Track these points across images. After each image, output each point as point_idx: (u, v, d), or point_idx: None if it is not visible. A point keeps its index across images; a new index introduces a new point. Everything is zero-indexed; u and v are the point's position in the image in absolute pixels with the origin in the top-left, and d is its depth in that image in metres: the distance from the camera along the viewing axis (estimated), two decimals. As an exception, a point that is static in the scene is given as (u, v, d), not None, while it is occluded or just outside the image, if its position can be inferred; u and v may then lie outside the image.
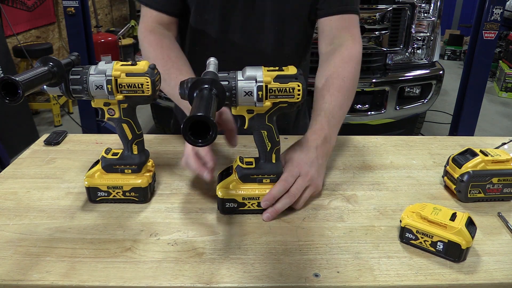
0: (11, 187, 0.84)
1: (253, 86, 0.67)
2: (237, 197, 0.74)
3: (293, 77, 0.68)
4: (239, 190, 0.74)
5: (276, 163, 0.75)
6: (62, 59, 0.69)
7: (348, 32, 0.97)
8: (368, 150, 1.01)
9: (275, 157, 0.74)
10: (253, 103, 0.68)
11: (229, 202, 0.74)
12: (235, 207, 0.75)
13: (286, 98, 0.68)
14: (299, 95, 0.68)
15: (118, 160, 0.77)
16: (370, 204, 0.79)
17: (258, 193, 0.74)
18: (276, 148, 0.74)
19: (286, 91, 0.67)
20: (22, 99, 0.59)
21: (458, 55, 6.20)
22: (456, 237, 0.63)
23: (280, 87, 0.67)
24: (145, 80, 0.70)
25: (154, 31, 0.98)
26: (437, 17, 2.75)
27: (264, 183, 0.75)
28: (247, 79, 0.67)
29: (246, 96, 0.67)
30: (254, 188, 0.74)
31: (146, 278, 0.60)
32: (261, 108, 0.69)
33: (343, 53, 0.94)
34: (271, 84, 0.67)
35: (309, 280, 0.61)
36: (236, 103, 0.69)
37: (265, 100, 0.68)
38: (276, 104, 0.69)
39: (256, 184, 0.75)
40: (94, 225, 0.72)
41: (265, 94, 0.67)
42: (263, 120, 0.71)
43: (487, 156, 0.79)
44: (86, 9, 2.82)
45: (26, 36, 3.83)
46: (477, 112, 2.97)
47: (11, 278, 0.60)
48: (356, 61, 0.95)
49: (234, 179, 0.75)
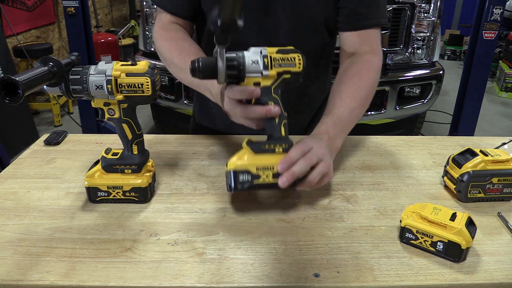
0: (11, 187, 0.84)
1: (258, 56, 0.72)
2: (251, 168, 0.71)
3: (293, 50, 0.74)
4: (252, 160, 0.72)
5: (286, 136, 0.74)
6: (62, 59, 0.69)
7: (368, 46, 0.97)
8: (368, 150, 1.01)
9: (284, 129, 0.74)
10: (260, 73, 0.72)
11: (242, 174, 0.71)
12: (249, 179, 0.72)
13: (289, 67, 0.73)
14: (300, 65, 0.73)
15: (118, 160, 0.77)
16: (370, 204, 0.79)
17: (273, 162, 0.72)
18: (283, 122, 0.74)
19: (288, 60, 0.73)
20: (22, 99, 0.59)
21: (458, 55, 6.20)
22: (456, 237, 0.63)
23: (283, 57, 0.73)
24: (145, 80, 0.70)
25: (168, 29, 1.01)
26: (437, 17, 2.75)
27: (277, 153, 0.73)
28: (253, 52, 0.73)
29: (253, 64, 0.72)
30: (268, 158, 0.72)
31: (146, 278, 0.60)
32: (267, 79, 0.72)
33: (361, 64, 0.94)
34: (274, 55, 0.73)
35: (309, 280, 0.61)
36: (244, 73, 0.71)
37: (270, 69, 0.72)
38: (280, 74, 0.73)
39: (269, 154, 0.73)
40: (94, 225, 0.72)
41: (270, 62, 0.72)
42: (269, 92, 0.73)
43: (487, 156, 0.79)
44: (86, 9, 2.82)
45: (26, 36, 3.83)
46: (477, 112, 2.98)
47: (11, 278, 0.60)
48: (374, 72, 0.95)
49: (246, 151, 0.73)
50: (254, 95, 0.72)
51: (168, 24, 1.02)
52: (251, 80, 0.72)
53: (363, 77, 0.92)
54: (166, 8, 1.01)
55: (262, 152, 0.73)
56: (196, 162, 0.94)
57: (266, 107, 0.72)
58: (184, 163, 0.94)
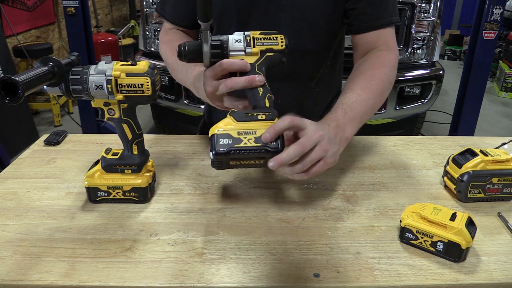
0: (11, 187, 0.84)
1: (241, 36, 0.75)
2: (232, 132, 0.68)
3: (275, 32, 0.76)
4: (234, 125, 0.69)
5: (270, 107, 0.72)
6: (62, 59, 0.69)
7: (383, 45, 0.95)
8: (368, 150, 1.01)
9: (268, 102, 0.72)
10: (243, 51, 0.74)
11: (223, 137, 0.68)
12: (230, 143, 0.68)
13: (271, 45, 0.75)
14: (282, 43, 0.75)
15: (118, 160, 0.77)
16: (370, 204, 0.79)
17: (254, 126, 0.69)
18: (268, 95, 0.73)
19: (270, 39, 0.75)
20: (22, 99, 0.59)
21: (458, 55, 6.20)
22: (456, 237, 0.63)
23: (265, 37, 0.76)
24: (145, 80, 0.70)
25: (169, 32, 1.04)
26: (437, 17, 2.75)
27: (260, 119, 0.70)
28: (237, 35, 0.75)
29: (236, 43, 0.74)
30: (251, 124, 0.69)
31: (146, 278, 0.60)
32: (250, 56, 0.74)
33: (376, 59, 0.93)
34: (257, 35, 0.75)
35: (309, 280, 0.61)
36: (227, 51, 0.73)
37: (252, 47, 0.74)
38: (264, 52, 0.75)
39: (252, 122, 0.70)
40: (94, 225, 0.72)
41: (253, 41, 0.74)
42: (253, 69, 0.74)
43: (487, 156, 0.79)
44: (86, 9, 2.82)
45: (26, 36, 3.83)
46: (477, 112, 2.97)
47: (11, 278, 0.60)
48: (389, 67, 0.92)
49: (229, 119, 0.70)
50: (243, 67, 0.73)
51: (169, 30, 1.06)
52: (235, 58, 0.74)
53: (377, 71, 0.89)
54: (166, 17, 1.05)
55: (245, 119, 0.70)
56: (196, 162, 0.94)
57: (250, 76, 0.72)
58: (184, 163, 0.94)
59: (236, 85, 0.72)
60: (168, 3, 1.04)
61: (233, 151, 0.67)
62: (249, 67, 0.73)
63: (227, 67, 0.73)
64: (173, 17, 1.04)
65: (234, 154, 0.68)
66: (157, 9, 1.07)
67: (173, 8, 1.03)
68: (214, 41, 0.73)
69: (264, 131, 0.68)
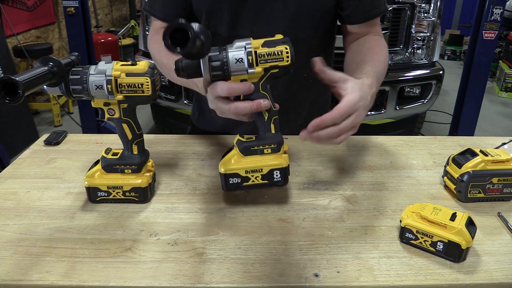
0: (11, 187, 0.84)
1: (242, 53, 0.68)
2: (240, 171, 0.73)
3: (280, 41, 0.70)
4: (241, 163, 0.73)
5: (276, 133, 0.73)
6: (62, 59, 0.69)
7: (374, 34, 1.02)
8: (368, 150, 1.01)
9: (274, 126, 0.73)
10: (245, 71, 0.69)
11: (232, 177, 0.73)
12: (239, 182, 0.73)
13: (276, 62, 0.69)
14: (288, 57, 0.69)
15: (118, 160, 0.77)
16: (370, 204, 0.79)
17: (260, 164, 0.72)
18: (274, 118, 0.73)
19: (275, 54, 0.69)
20: (22, 99, 0.59)
21: (458, 55, 6.20)
22: (456, 237, 0.63)
23: (268, 51, 0.69)
24: (145, 80, 0.70)
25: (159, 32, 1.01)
26: (437, 17, 2.75)
27: (265, 154, 0.73)
28: (237, 48, 0.69)
29: (238, 63, 0.68)
30: (256, 160, 0.73)
31: (146, 278, 0.60)
32: (253, 75, 0.70)
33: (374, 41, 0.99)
34: (260, 49, 0.69)
35: (309, 280, 0.61)
36: (228, 72, 0.69)
37: (256, 66, 0.69)
38: (267, 70, 0.70)
39: (258, 156, 0.73)
40: (94, 225, 0.72)
41: (255, 59, 0.68)
42: (257, 89, 0.71)
43: (487, 156, 0.79)
44: (86, 9, 2.82)
45: (26, 36, 3.83)
46: (477, 112, 2.97)
47: (11, 278, 0.60)
48: (386, 50, 0.98)
49: (236, 153, 0.74)
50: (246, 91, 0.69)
51: (160, 29, 1.04)
52: (238, 77, 0.70)
53: (381, 52, 0.95)
54: (156, 15, 1.03)
55: (251, 154, 0.73)
56: (196, 162, 0.94)
57: (256, 101, 0.69)
58: (184, 163, 0.94)
59: (242, 112, 0.71)
60: (157, 1, 1.02)
61: (242, 188, 0.74)
62: (253, 88, 0.69)
63: (230, 93, 0.69)
64: (164, 14, 1.02)
65: (243, 189, 0.75)
66: (145, 8, 1.05)
67: (163, 6, 1.02)
68: (213, 61, 0.68)
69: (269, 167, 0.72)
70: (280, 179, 0.73)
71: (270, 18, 0.96)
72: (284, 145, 0.74)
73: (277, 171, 0.73)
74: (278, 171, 0.73)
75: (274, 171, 0.73)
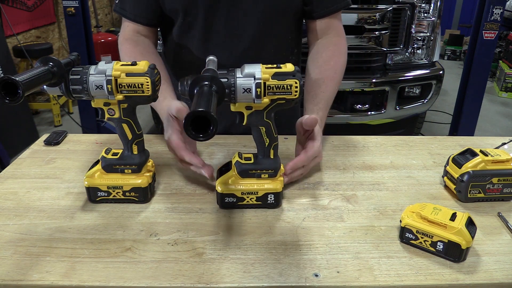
0: (11, 187, 0.84)
1: (251, 83, 0.68)
2: (236, 192, 0.75)
3: (290, 74, 0.69)
4: (238, 185, 0.75)
5: (274, 159, 0.76)
6: (62, 59, 0.69)
7: (333, 30, 1.05)
8: (368, 150, 1.01)
9: (273, 152, 0.75)
10: (252, 100, 0.69)
11: (228, 197, 0.76)
12: (234, 201, 0.76)
13: (283, 95, 0.69)
14: (296, 92, 0.69)
15: (118, 160, 0.77)
16: (370, 204, 0.79)
17: (256, 187, 0.75)
18: (274, 144, 0.75)
19: (284, 88, 0.69)
20: (22, 99, 0.59)
21: (458, 55, 6.20)
22: (456, 237, 0.63)
23: (278, 84, 0.68)
24: (145, 80, 0.70)
25: (130, 39, 1.03)
26: (437, 17, 2.75)
27: (262, 178, 0.76)
28: (246, 76, 0.68)
29: (245, 93, 0.68)
30: (253, 183, 0.75)
31: (146, 278, 0.60)
32: (259, 104, 0.70)
33: (333, 48, 1.04)
34: (269, 81, 0.68)
35: (309, 280, 0.61)
36: (235, 100, 0.70)
37: (263, 97, 0.69)
38: (274, 100, 0.70)
39: (255, 179, 0.76)
40: (94, 225, 0.72)
41: (263, 91, 0.68)
42: (261, 117, 0.72)
43: (487, 156, 0.79)
44: (86, 9, 2.82)
45: (26, 36, 3.83)
46: (477, 112, 2.97)
47: (11, 278, 0.60)
48: (344, 55, 1.05)
49: (233, 174, 0.76)
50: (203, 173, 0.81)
51: (130, 33, 1.04)
52: (243, 104, 0.71)
53: (338, 61, 1.03)
54: (127, 16, 1.03)
55: (248, 176, 0.76)
56: (196, 162, 0.94)
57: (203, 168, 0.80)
58: (184, 163, 0.93)
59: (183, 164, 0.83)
60: (128, 2, 1.02)
61: (236, 207, 0.77)
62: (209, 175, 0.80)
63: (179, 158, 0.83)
64: (134, 15, 1.02)
65: (237, 208, 0.77)
66: (116, 9, 1.04)
67: (134, 7, 1.02)
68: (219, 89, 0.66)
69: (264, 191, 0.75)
70: (273, 202, 0.76)
71: (243, 14, 0.98)
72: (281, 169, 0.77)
73: (272, 194, 0.76)
74: (272, 195, 0.76)
75: (269, 194, 0.76)
